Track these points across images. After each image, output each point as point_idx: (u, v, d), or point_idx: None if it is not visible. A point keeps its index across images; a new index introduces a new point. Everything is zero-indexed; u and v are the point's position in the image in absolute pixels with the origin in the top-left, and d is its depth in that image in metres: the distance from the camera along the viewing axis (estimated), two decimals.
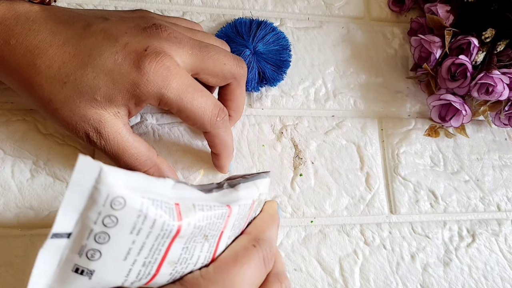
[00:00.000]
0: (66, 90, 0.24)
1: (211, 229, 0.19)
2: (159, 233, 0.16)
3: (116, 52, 0.24)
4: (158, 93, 0.24)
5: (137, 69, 0.24)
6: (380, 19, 0.40)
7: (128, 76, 0.24)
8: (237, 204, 0.21)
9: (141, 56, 0.24)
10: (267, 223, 0.24)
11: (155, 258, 0.17)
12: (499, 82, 0.32)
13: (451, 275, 0.33)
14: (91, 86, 0.24)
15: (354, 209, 0.34)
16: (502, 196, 0.37)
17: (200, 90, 0.26)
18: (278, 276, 0.22)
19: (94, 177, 0.15)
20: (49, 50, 0.24)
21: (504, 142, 0.38)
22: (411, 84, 0.39)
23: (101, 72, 0.24)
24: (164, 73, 0.24)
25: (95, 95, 0.24)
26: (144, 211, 0.16)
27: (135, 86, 0.24)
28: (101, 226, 0.15)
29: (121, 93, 0.24)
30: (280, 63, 0.35)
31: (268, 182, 0.25)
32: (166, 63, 0.24)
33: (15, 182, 0.29)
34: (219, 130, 0.28)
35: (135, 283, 0.17)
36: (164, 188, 0.18)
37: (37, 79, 0.24)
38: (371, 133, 0.36)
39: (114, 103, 0.24)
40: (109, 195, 0.15)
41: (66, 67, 0.24)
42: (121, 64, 0.24)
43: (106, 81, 0.24)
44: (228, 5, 0.37)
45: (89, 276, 0.16)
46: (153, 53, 0.24)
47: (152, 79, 0.24)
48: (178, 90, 0.25)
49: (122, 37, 0.24)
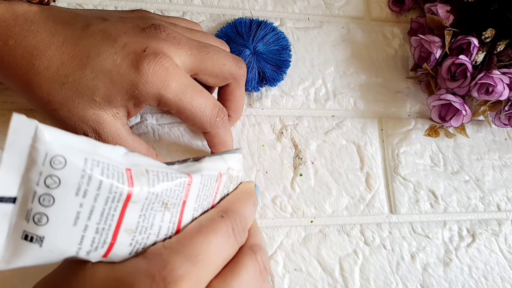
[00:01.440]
0: (64, 91, 0.24)
1: (170, 197, 0.18)
2: (108, 195, 0.16)
3: (115, 52, 0.24)
4: (157, 94, 0.24)
5: (136, 70, 0.24)
6: (380, 19, 0.40)
7: (127, 77, 0.24)
8: (199, 173, 0.20)
9: (140, 57, 0.24)
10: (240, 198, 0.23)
11: (108, 224, 0.16)
12: (499, 82, 0.32)
13: (451, 275, 0.33)
14: (90, 86, 0.24)
15: (354, 209, 0.34)
16: (502, 196, 0.37)
17: (199, 90, 0.26)
18: (252, 247, 0.21)
19: (30, 135, 0.15)
20: (47, 51, 0.24)
21: (504, 142, 0.38)
22: (411, 84, 0.39)
23: (100, 73, 0.24)
24: (162, 74, 0.24)
25: (93, 96, 0.24)
26: (88, 171, 0.15)
27: (133, 87, 0.24)
28: (44, 188, 0.15)
29: (120, 94, 0.24)
30: (280, 63, 0.35)
31: (239, 158, 0.24)
32: (165, 64, 0.24)
33: None
34: (218, 130, 0.28)
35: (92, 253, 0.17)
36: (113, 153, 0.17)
37: (36, 80, 0.24)
38: (371, 133, 0.36)
39: (113, 103, 0.24)
40: (48, 154, 0.15)
41: (65, 68, 0.24)
42: (120, 65, 0.24)
43: (104, 82, 0.24)
44: (228, 5, 0.37)
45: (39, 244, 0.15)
46: (152, 53, 0.24)
47: (151, 80, 0.24)
48: (177, 91, 0.24)
49: (121, 38, 0.24)
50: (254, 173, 0.33)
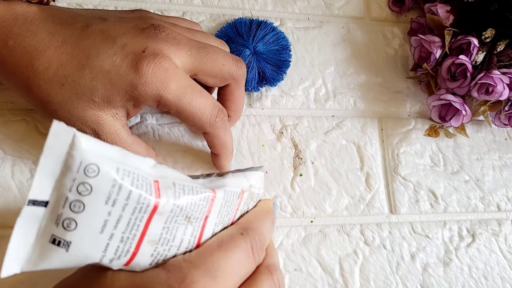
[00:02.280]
0: (64, 91, 0.24)
1: (193, 211, 0.19)
2: (135, 206, 0.16)
3: (114, 53, 0.24)
4: (156, 95, 0.24)
5: (135, 70, 0.24)
6: (380, 19, 0.40)
7: (126, 78, 0.24)
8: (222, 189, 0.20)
9: (139, 58, 0.24)
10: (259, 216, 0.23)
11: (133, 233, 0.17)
12: (499, 82, 0.32)
13: (451, 275, 0.33)
14: (89, 87, 0.24)
15: (354, 209, 0.34)
16: (502, 196, 0.37)
17: (199, 91, 0.26)
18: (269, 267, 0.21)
19: (68, 142, 0.15)
20: (47, 52, 0.24)
21: (504, 142, 0.38)
22: (411, 84, 0.39)
23: (99, 74, 0.24)
24: (162, 74, 0.24)
25: (93, 97, 0.24)
26: (119, 181, 0.16)
27: (133, 88, 0.24)
28: (76, 194, 0.15)
29: (119, 94, 0.24)
30: (280, 63, 0.35)
31: (261, 176, 0.25)
32: (164, 64, 0.24)
33: (15, 182, 0.29)
34: (218, 130, 0.28)
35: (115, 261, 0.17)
36: (142, 164, 0.17)
37: (35, 81, 0.24)
38: (371, 133, 0.36)
39: (112, 104, 0.24)
40: (83, 162, 0.15)
41: (64, 69, 0.24)
42: (119, 66, 0.24)
43: (104, 83, 0.24)
44: (228, 5, 0.37)
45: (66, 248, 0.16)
46: (151, 54, 0.24)
47: (150, 80, 0.24)
48: (176, 92, 0.24)
49: (120, 38, 0.24)
50: None
